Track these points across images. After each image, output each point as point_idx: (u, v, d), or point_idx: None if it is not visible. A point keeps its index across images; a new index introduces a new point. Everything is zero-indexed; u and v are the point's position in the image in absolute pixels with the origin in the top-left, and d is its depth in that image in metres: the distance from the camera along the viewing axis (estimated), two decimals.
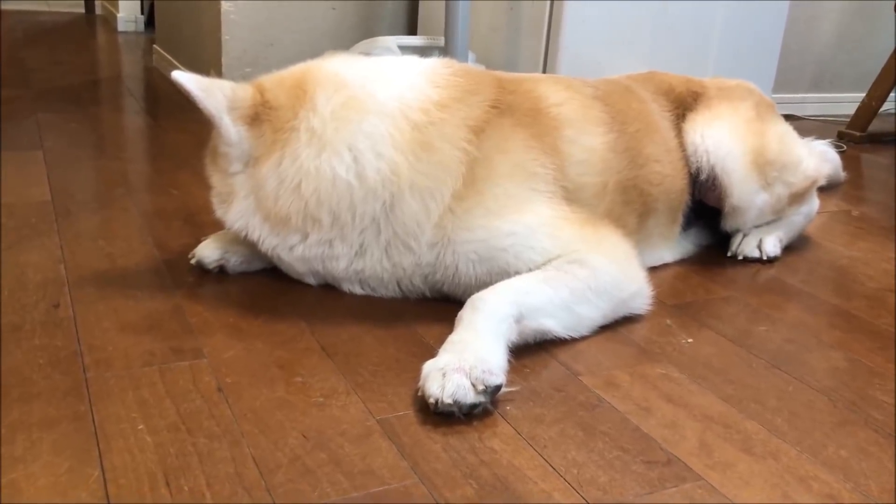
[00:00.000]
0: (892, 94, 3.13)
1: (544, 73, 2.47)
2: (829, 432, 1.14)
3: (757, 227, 1.81)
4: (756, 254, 1.78)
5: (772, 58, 2.88)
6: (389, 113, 1.35)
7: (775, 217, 1.81)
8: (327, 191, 1.33)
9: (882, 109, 3.13)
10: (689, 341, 1.39)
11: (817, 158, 1.90)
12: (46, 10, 5.57)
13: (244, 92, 1.36)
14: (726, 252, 1.81)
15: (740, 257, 1.79)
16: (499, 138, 1.39)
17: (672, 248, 1.75)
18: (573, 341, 1.33)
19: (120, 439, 1.01)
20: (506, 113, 1.42)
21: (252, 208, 1.38)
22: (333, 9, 3.04)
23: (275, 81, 1.40)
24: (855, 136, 3.12)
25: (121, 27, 4.87)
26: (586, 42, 2.46)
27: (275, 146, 1.35)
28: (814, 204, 1.92)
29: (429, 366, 1.13)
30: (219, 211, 1.43)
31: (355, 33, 3.06)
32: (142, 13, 4.91)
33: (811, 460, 1.07)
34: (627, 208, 1.57)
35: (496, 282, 1.31)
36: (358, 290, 1.46)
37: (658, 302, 1.50)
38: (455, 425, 1.09)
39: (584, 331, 1.35)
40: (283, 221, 1.36)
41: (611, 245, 1.41)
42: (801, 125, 2.15)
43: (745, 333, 1.43)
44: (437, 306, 1.41)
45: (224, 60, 2.89)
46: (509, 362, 1.19)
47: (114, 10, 5.02)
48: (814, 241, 1.96)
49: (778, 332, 1.45)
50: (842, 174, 2.46)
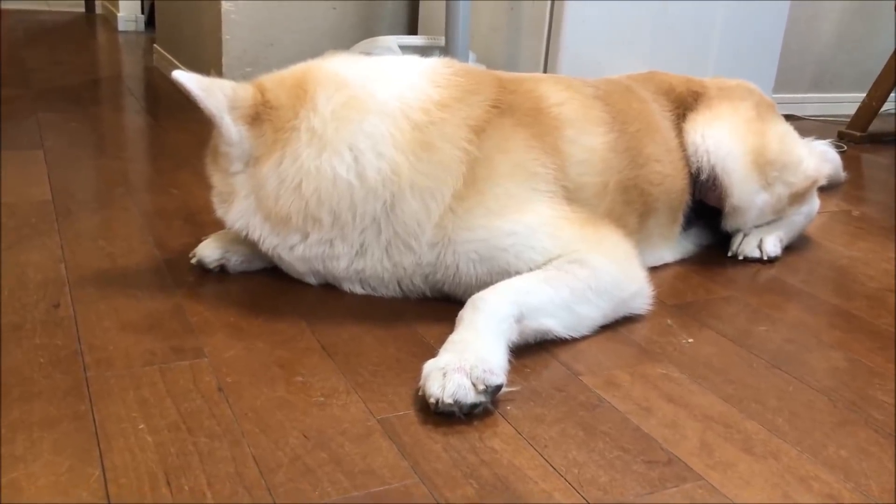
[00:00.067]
0: (892, 94, 3.13)
1: (545, 72, 2.47)
2: (830, 432, 1.14)
3: (757, 227, 1.81)
4: (756, 254, 1.78)
5: (772, 58, 2.88)
6: (390, 112, 1.35)
7: (776, 217, 1.81)
8: (328, 190, 1.33)
9: (882, 109, 3.13)
10: (690, 341, 1.39)
11: (818, 158, 1.90)
12: (47, 9, 5.57)
13: (245, 91, 1.36)
14: (727, 252, 1.81)
15: (741, 257, 1.79)
16: (499, 138, 1.39)
17: (672, 247, 1.75)
18: (574, 341, 1.33)
19: (120, 439, 1.01)
20: (506, 113, 1.42)
21: (253, 208, 1.38)
22: (334, 8, 3.04)
23: (275, 81, 1.40)
24: (855, 136, 3.12)
25: (121, 27, 4.87)
26: (587, 42, 2.46)
27: (275, 146, 1.35)
28: (814, 204, 1.92)
29: (429, 365, 1.13)
30: (219, 210, 1.43)
31: (356, 33, 3.06)
32: (142, 13, 4.91)
33: (811, 460, 1.07)
34: (628, 208, 1.57)
35: (497, 281, 1.31)
36: (358, 290, 1.46)
37: (658, 302, 1.50)
38: (455, 425, 1.09)
39: (584, 330, 1.35)
40: (283, 221, 1.36)
41: (611, 245, 1.41)
42: (801, 125, 2.15)
43: (746, 333, 1.43)
44: (438, 306, 1.41)
45: (224, 60, 2.89)
46: (510, 362, 1.19)
47: (114, 10, 5.02)
48: (814, 241, 1.96)
49: (778, 332, 1.45)
50: (842, 174, 2.46)
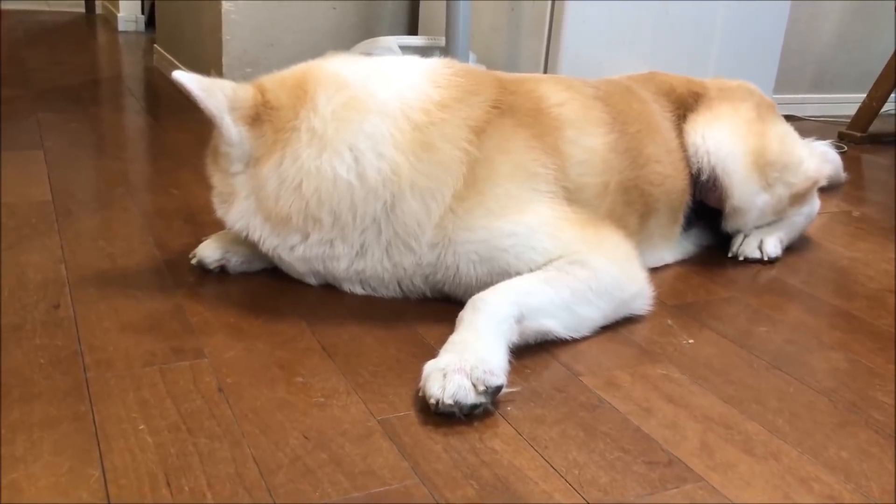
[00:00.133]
0: (892, 94, 3.13)
1: (545, 73, 2.47)
2: (830, 433, 1.14)
3: (758, 227, 1.80)
4: (757, 254, 1.78)
5: (772, 58, 2.88)
6: (390, 113, 1.35)
7: (776, 218, 1.81)
8: (328, 191, 1.33)
9: (883, 110, 3.13)
10: (690, 342, 1.39)
11: (818, 159, 1.90)
12: (47, 9, 5.57)
13: (245, 92, 1.36)
14: (727, 253, 1.81)
15: (741, 258, 1.79)
16: (500, 138, 1.39)
17: (673, 248, 1.75)
18: (574, 342, 1.33)
19: (121, 439, 1.01)
20: (507, 113, 1.42)
21: (253, 208, 1.38)
22: (334, 9, 3.04)
23: (276, 81, 1.40)
24: (855, 137, 3.12)
25: (121, 27, 4.87)
26: (587, 42, 2.46)
27: (276, 146, 1.35)
28: (815, 205, 1.92)
29: (430, 366, 1.13)
30: (220, 211, 1.43)
31: (356, 33, 3.06)
32: (142, 13, 4.91)
33: (812, 461, 1.07)
34: (629, 209, 1.57)
35: (497, 282, 1.31)
36: (359, 291, 1.46)
37: (659, 302, 1.50)
38: (456, 426, 1.08)
39: (584, 331, 1.35)
40: (283, 221, 1.36)
41: (612, 246, 1.41)
42: (801, 126, 2.15)
43: (746, 334, 1.43)
44: (438, 307, 1.41)
45: (225, 60, 2.89)
46: (510, 363, 1.19)
47: (114, 10, 5.02)
48: (814, 241, 1.96)
49: (779, 332, 1.45)
50: (842, 175, 2.46)
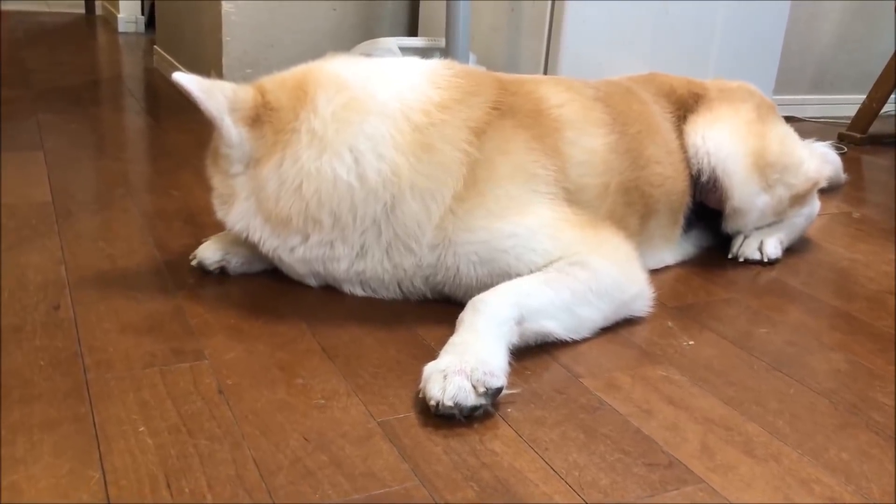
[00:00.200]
0: (892, 95, 3.13)
1: (545, 73, 2.47)
2: (831, 435, 1.14)
3: (758, 228, 1.80)
4: (757, 256, 1.78)
5: (773, 59, 2.88)
6: (390, 114, 1.35)
7: (776, 219, 1.81)
8: (328, 192, 1.33)
9: (882, 111, 3.13)
10: (691, 343, 1.39)
11: (818, 160, 1.90)
12: (47, 10, 5.57)
13: (245, 93, 1.36)
14: (727, 254, 1.81)
15: (741, 259, 1.79)
16: (500, 140, 1.39)
17: (673, 249, 1.75)
18: (574, 343, 1.33)
19: (121, 441, 1.01)
20: (507, 114, 1.42)
21: (253, 210, 1.38)
22: (334, 9, 3.04)
23: (276, 83, 1.40)
24: (855, 138, 3.12)
25: (121, 28, 4.87)
26: (587, 43, 2.46)
27: (276, 147, 1.35)
28: (815, 206, 1.92)
29: (430, 368, 1.13)
30: (220, 212, 1.43)
31: (356, 34, 3.06)
32: (142, 14, 4.91)
33: (812, 463, 1.07)
34: (629, 210, 1.57)
35: (497, 283, 1.31)
36: (359, 292, 1.45)
37: (659, 304, 1.50)
38: (456, 427, 1.08)
39: (585, 333, 1.35)
40: (283, 223, 1.36)
41: (612, 247, 1.41)
42: (801, 127, 2.15)
43: (746, 335, 1.43)
44: (438, 308, 1.41)
45: (225, 61, 2.89)
46: (510, 364, 1.19)
47: (114, 11, 5.02)
48: (814, 242, 1.96)
49: (779, 334, 1.45)
50: (842, 176, 2.46)
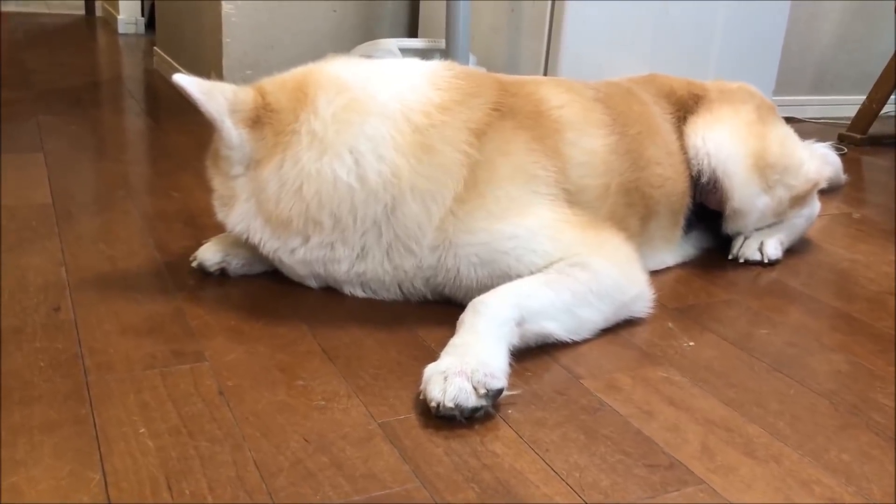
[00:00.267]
0: (892, 96, 3.13)
1: (545, 74, 2.47)
2: (831, 436, 1.14)
3: (758, 229, 1.81)
4: (757, 257, 1.78)
5: (773, 60, 2.89)
6: (391, 115, 1.35)
7: (776, 220, 1.81)
8: (328, 193, 1.33)
9: (882, 112, 3.14)
10: (691, 344, 1.39)
11: (818, 161, 1.90)
12: (47, 11, 5.58)
13: (245, 95, 1.36)
14: (727, 255, 1.81)
15: (741, 260, 1.79)
16: (500, 141, 1.39)
17: (674, 251, 1.75)
18: (575, 344, 1.33)
19: (121, 443, 1.01)
20: (507, 115, 1.42)
21: (253, 211, 1.38)
22: (334, 10, 3.04)
23: (276, 84, 1.40)
24: (855, 139, 3.12)
25: (121, 29, 4.87)
26: (587, 43, 2.47)
27: (276, 149, 1.35)
28: (815, 206, 1.92)
29: (430, 369, 1.13)
30: (220, 214, 1.43)
31: (356, 35, 3.06)
32: (142, 15, 4.91)
33: (813, 464, 1.07)
34: (629, 211, 1.57)
35: (498, 285, 1.31)
36: (359, 293, 1.45)
37: (659, 305, 1.50)
38: (457, 429, 1.08)
39: (585, 334, 1.35)
40: (284, 224, 1.36)
41: (612, 248, 1.41)
42: (801, 128, 2.15)
43: (747, 336, 1.43)
44: (439, 309, 1.41)
45: (225, 62, 2.89)
46: (511, 366, 1.19)
47: (114, 12, 5.03)
48: (815, 243, 1.96)
49: (779, 335, 1.45)
50: (843, 177, 2.46)
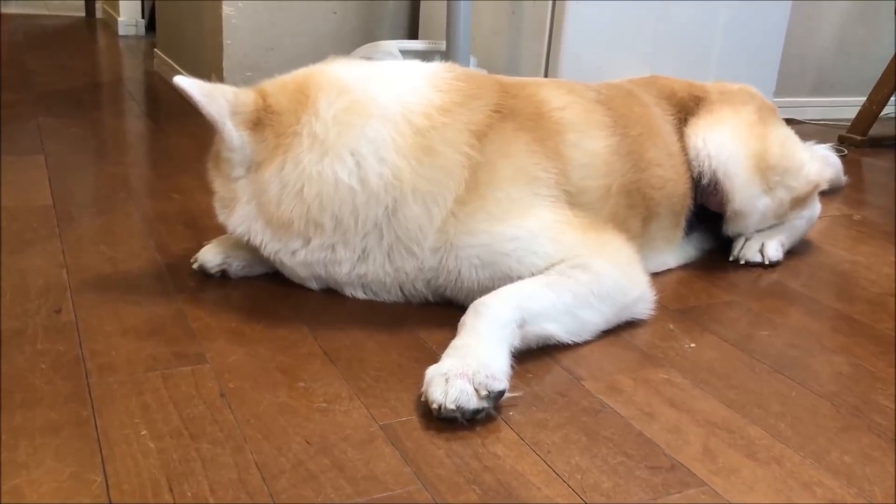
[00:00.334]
0: (892, 97, 3.13)
1: (546, 76, 2.47)
2: (833, 437, 1.14)
3: (759, 231, 1.81)
4: (758, 258, 1.78)
5: (773, 61, 2.89)
6: (392, 117, 1.35)
7: (777, 221, 1.81)
8: (330, 195, 1.33)
9: (883, 113, 3.14)
10: (692, 346, 1.39)
11: (819, 163, 1.90)
12: (47, 13, 5.58)
13: (246, 97, 1.36)
14: (728, 256, 1.81)
15: (742, 262, 1.79)
16: (501, 142, 1.39)
17: (675, 252, 1.75)
18: (576, 346, 1.33)
19: (123, 445, 1.01)
20: (508, 117, 1.42)
21: (254, 213, 1.38)
22: (334, 12, 3.04)
23: (277, 86, 1.40)
24: (856, 140, 3.12)
25: (121, 31, 4.87)
26: (588, 45, 2.47)
27: (277, 151, 1.35)
28: (815, 208, 1.92)
29: (432, 371, 1.13)
30: (221, 215, 1.43)
31: (356, 37, 3.06)
32: (142, 17, 4.92)
33: (815, 465, 1.07)
34: (631, 212, 1.57)
35: (499, 286, 1.31)
36: (360, 295, 1.45)
37: (661, 306, 1.50)
38: (458, 431, 1.08)
39: (586, 335, 1.35)
40: (285, 226, 1.36)
41: (614, 249, 1.41)
42: (802, 129, 2.14)
43: (748, 338, 1.43)
44: (440, 311, 1.41)
45: (225, 64, 2.89)
46: (512, 367, 1.19)
47: (114, 14, 5.03)
48: (816, 245, 1.96)
49: (780, 336, 1.45)
50: (843, 178, 2.47)
